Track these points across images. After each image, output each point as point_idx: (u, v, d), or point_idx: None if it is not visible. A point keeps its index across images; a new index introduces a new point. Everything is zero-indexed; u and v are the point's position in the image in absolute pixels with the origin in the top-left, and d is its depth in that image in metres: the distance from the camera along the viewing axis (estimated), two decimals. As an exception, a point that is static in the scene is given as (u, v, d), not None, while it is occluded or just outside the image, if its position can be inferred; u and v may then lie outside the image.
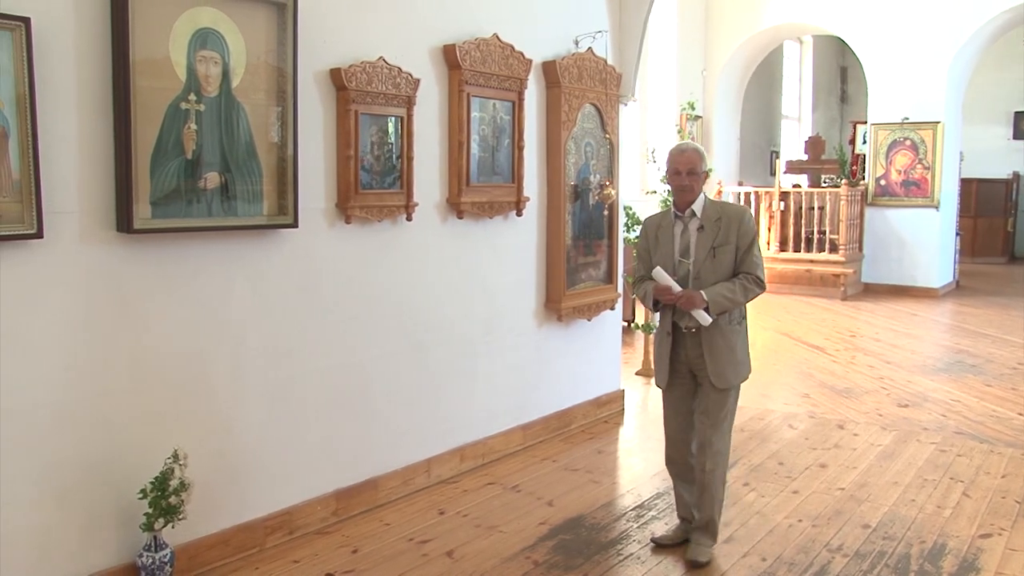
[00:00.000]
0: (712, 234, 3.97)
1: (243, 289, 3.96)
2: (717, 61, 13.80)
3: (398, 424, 4.75)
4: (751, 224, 4.02)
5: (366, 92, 4.30)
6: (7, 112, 3.07)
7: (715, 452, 4.03)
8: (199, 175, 3.66)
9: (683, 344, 4.04)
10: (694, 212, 4.00)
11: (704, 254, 3.96)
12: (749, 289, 3.97)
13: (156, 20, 3.47)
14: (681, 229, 4.04)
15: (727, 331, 3.99)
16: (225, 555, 3.94)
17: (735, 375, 4.03)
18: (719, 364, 3.97)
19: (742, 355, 4.05)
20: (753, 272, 3.98)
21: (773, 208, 13.03)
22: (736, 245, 3.97)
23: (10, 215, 3.12)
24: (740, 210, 4.08)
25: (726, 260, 3.97)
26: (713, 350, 3.97)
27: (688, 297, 3.89)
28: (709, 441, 4.02)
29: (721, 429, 4.05)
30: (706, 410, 4.04)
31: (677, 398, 4.15)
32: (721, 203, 4.16)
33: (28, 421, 3.28)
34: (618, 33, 6.30)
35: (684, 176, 3.97)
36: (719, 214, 4.00)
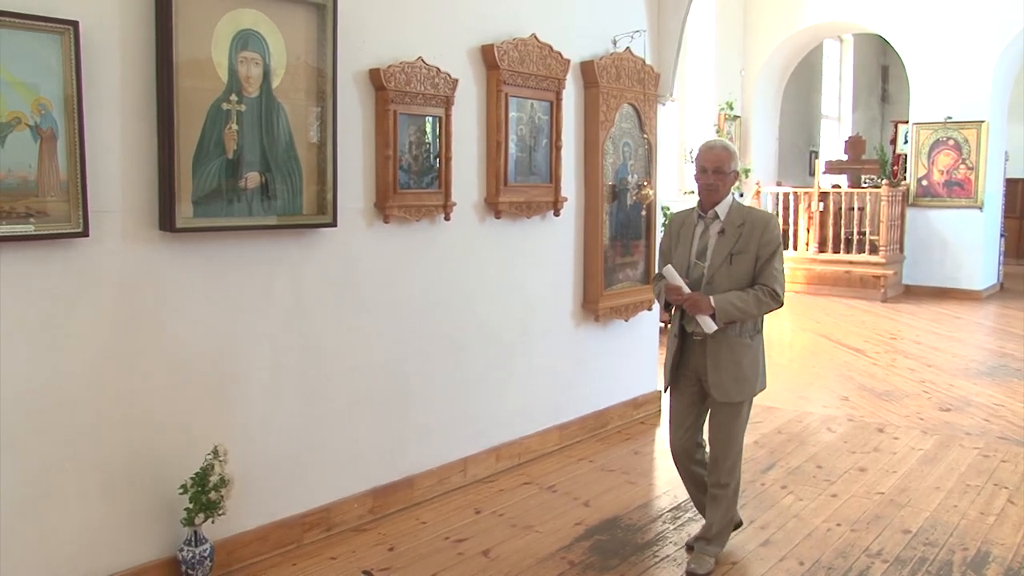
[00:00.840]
0: (732, 240, 3.78)
1: (282, 287, 4.00)
2: (756, 60, 13.68)
3: (434, 423, 4.77)
4: (775, 233, 3.80)
5: (405, 92, 4.32)
6: (55, 113, 3.13)
7: (729, 468, 3.93)
8: (240, 175, 3.70)
9: (690, 350, 3.91)
10: (717, 214, 3.84)
11: (720, 260, 3.79)
12: (763, 302, 3.73)
13: (199, 22, 3.51)
14: (702, 230, 3.88)
15: (735, 344, 3.80)
16: (263, 551, 3.98)
17: (737, 391, 3.83)
18: (720, 377, 3.81)
19: (749, 371, 3.84)
20: (771, 285, 3.75)
21: (812, 209, 12.89)
22: (756, 254, 3.76)
23: (57, 214, 3.17)
24: (765, 217, 3.85)
25: (743, 268, 3.77)
26: (717, 362, 3.80)
27: (694, 301, 3.72)
28: (724, 456, 3.92)
29: (733, 445, 3.93)
30: (719, 424, 3.92)
31: (683, 405, 4.02)
32: (748, 208, 3.94)
33: (72, 415, 3.33)
34: (656, 33, 6.27)
35: (710, 174, 3.81)
36: (743, 219, 3.81)
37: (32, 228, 3.12)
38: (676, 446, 4.08)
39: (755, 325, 3.87)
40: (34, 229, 3.12)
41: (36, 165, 3.11)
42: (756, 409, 6.58)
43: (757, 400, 6.82)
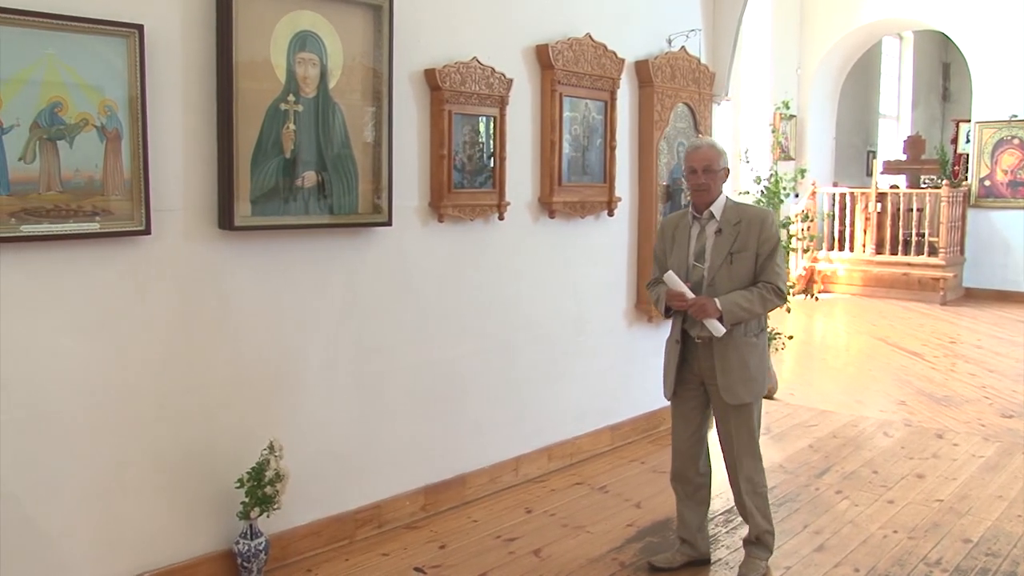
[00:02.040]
0: (730, 238, 3.69)
1: (338, 286, 4.04)
2: (812, 59, 13.48)
3: (487, 422, 4.78)
4: (774, 229, 3.72)
5: (460, 92, 4.34)
6: (120, 115, 3.20)
7: (747, 473, 3.81)
8: (297, 174, 3.75)
9: (693, 354, 3.79)
10: (712, 214, 3.74)
11: (720, 260, 3.69)
12: (768, 299, 3.66)
13: (258, 24, 3.57)
14: (698, 231, 3.78)
15: (741, 344, 3.69)
16: (317, 545, 4.03)
17: (747, 392, 3.72)
18: (729, 379, 3.69)
19: (756, 371, 3.74)
20: (774, 282, 3.66)
21: (869, 209, 12.67)
22: (756, 252, 3.67)
23: (121, 212, 3.25)
24: (762, 214, 3.77)
25: (744, 267, 3.68)
26: (724, 364, 3.69)
27: (701, 305, 3.60)
28: (740, 463, 3.81)
29: (749, 450, 3.81)
30: (729, 432, 3.80)
31: (687, 411, 3.90)
32: (743, 205, 3.87)
33: (135, 410, 3.41)
34: (712, 31, 6.21)
35: (700, 174, 3.71)
36: (739, 217, 3.72)
37: (97, 226, 3.19)
38: (681, 452, 3.95)
39: (759, 323, 3.78)
40: (99, 227, 3.20)
41: (102, 165, 3.19)
42: (811, 412, 6.54)
43: (812, 403, 6.80)
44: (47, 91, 3.03)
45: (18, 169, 2.99)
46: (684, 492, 3.98)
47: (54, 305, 3.17)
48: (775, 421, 6.39)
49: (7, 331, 3.06)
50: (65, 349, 3.20)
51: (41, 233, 3.06)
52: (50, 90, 3.04)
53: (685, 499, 3.99)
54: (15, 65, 2.95)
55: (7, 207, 2.98)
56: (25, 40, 2.96)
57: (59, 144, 3.08)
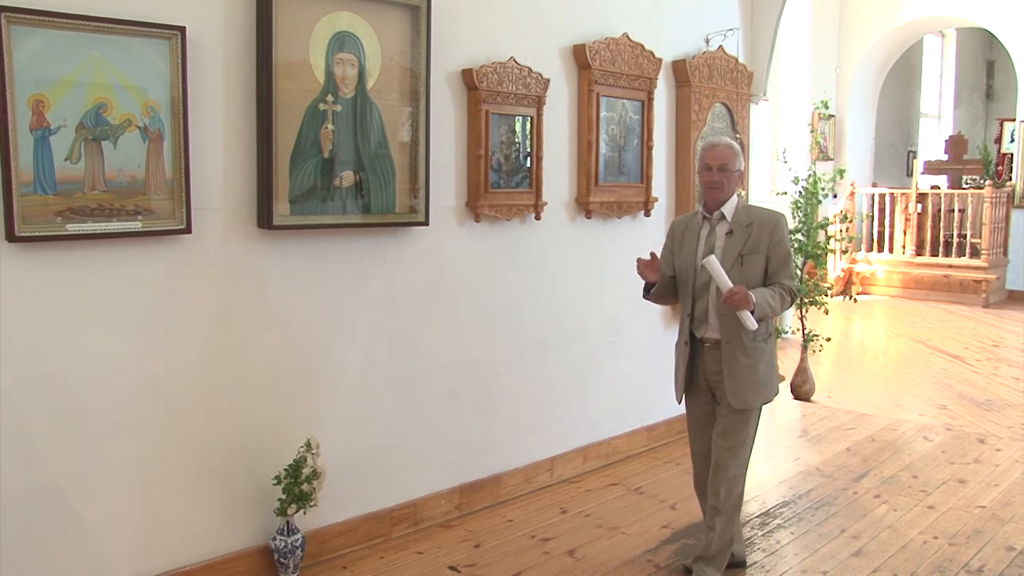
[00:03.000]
0: (741, 240, 3.64)
1: (375, 285, 4.07)
2: (852, 58, 13.32)
3: (522, 421, 4.79)
4: (785, 232, 3.69)
5: (497, 92, 4.35)
6: (163, 115, 3.25)
7: (731, 477, 3.72)
8: (335, 173, 3.78)
9: (701, 357, 3.74)
10: (723, 215, 3.69)
11: (731, 262, 3.61)
12: (785, 300, 3.62)
13: (297, 25, 3.60)
14: (708, 232, 3.73)
15: (750, 349, 3.62)
16: (352, 543, 4.06)
17: (755, 397, 3.66)
18: (738, 383, 3.63)
19: (765, 376, 3.69)
20: (788, 284, 3.64)
21: (909, 210, 12.50)
22: (767, 255, 3.63)
23: (162, 211, 3.30)
24: (774, 216, 3.71)
25: (754, 269, 3.62)
26: (733, 368, 3.63)
27: (743, 295, 3.45)
28: (725, 465, 3.71)
29: (739, 454, 3.72)
30: (724, 432, 3.72)
31: (700, 415, 3.85)
32: (755, 207, 3.81)
33: (175, 406, 3.46)
34: (750, 31, 6.17)
35: (715, 172, 3.66)
36: (750, 219, 3.67)
37: (140, 225, 3.24)
38: (696, 456, 3.92)
39: (767, 328, 3.70)
40: (141, 226, 3.25)
41: (144, 165, 3.23)
42: (849, 415, 6.47)
43: (849, 406, 6.73)
44: (92, 92, 3.08)
45: (64, 169, 3.05)
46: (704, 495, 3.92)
47: (97, 302, 3.22)
48: (812, 424, 6.33)
49: (52, 328, 3.12)
50: (108, 346, 3.26)
51: (85, 232, 3.12)
52: (95, 91, 3.09)
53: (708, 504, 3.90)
54: (63, 67, 3.01)
55: (53, 206, 3.03)
56: (72, 43, 3.02)
57: (103, 144, 3.13)
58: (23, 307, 3.05)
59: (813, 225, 7.41)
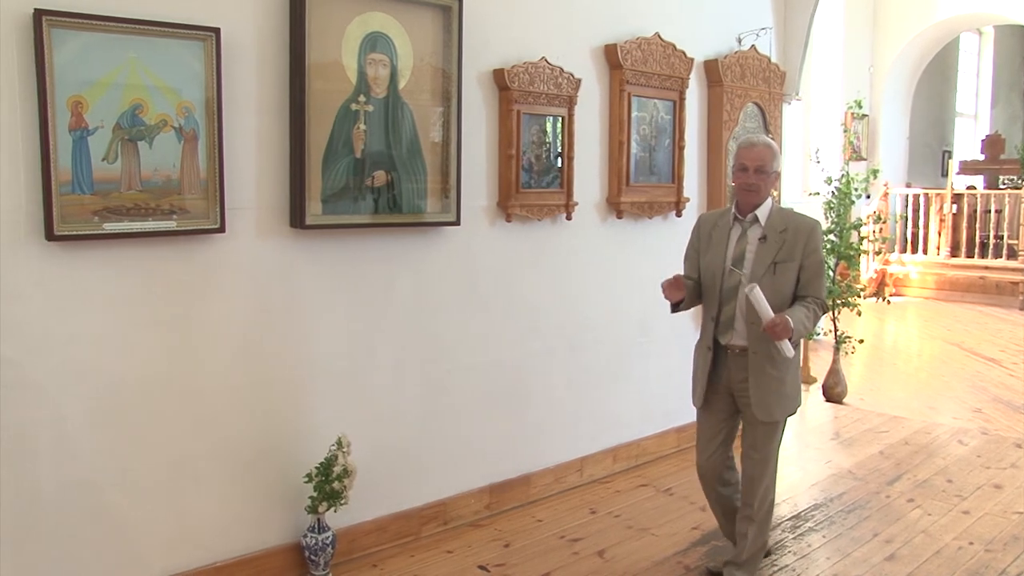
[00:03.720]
0: (775, 247, 3.49)
1: (406, 284, 4.08)
2: (886, 57, 13.17)
3: (552, 422, 4.79)
4: (820, 241, 3.55)
5: (528, 92, 4.35)
6: (197, 116, 3.28)
7: (763, 488, 3.66)
8: (367, 173, 3.80)
9: (724, 364, 3.62)
10: (757, 218, 3.54)
11: (763, 269, 3.48)
12: (818, 316, 3.50)
13: (330, 26, 3.62)
14: (739, 234, 3.58)
15: (778, 360, 3.49)
16: (382, 541, 4.08)
17: (780, 409, 3.56)
18: (764, 395, 3.51)
19: (791, 388, 3.59)
20: (822, 297, 3.53)
21: (944, 211, 12.35)
22: (801, 264, 3.49)
23: (197, 211, 3.33)
24: (809, 223, 3.55)
25: (787, 278, 3.48)
26: (760, 379, 3.50)
27: (785, 325, 3.31)
28: (758, 477, 3.64)
29: (769, 465, 3.67)
30: (754, 444, 3.63)
31: (714, 422, 3.73)
32: (790, 212, 3.63)
33: (209, 403, 3.49)
34: (782, 30, 6.12)
35: (751, 174, 3.51)
36: (785, 224, 3.52)
37: (174, 224, 3.28)
38: (705, 466, 3.79)
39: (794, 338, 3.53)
40: (176, 225, 3.29)
41: (179, 164, 3.27)
42: (881, 418, 6.41)
43: (882, 408, 6.66)
44: (129, 93, 3.12)
45: (101, 169, 3.09)
46: (713, 499, 3.87)
47: (133, 300, 3.26)
48: (844, 426, 6.27)
49: (88, 325, 3.16)
50: (142, 343, 3.30)
51: (122, 231, 3.16)
52: (132, 92, 3.13)
53: (716, 503, 3.88)
54: (101, 69, 3.05)
55: (90, 206, 3.07)
56: (110, 45, 3.06)
57: (139, 144, 3.17)
58: (61, 304, 3.10)
59: (846, 226, 7.34)
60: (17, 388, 3.03)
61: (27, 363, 3.05)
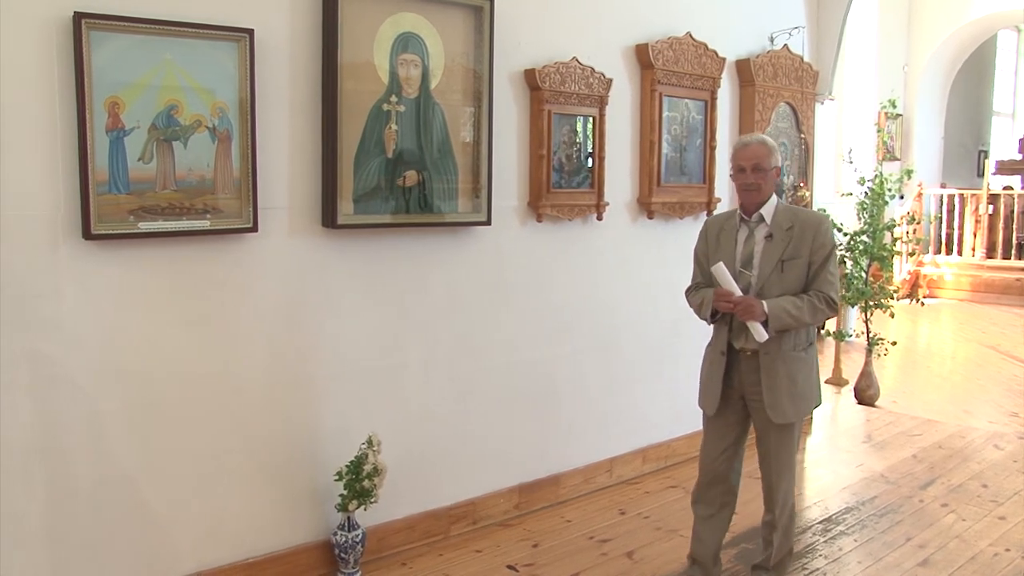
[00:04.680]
0: (782, 245, 3.41)
1: (437, 283, 4.09)
2: (921, 55, 13.01)
3: (582, 422, 4.78)
4: (829, 236, 3.45)
5: (559, 92, 4.34)
6: (231, 116, 3.32)
7: (784, 495, 3.56)
8: (398, 173, 3.82)
9: (737, 368, 3.51)
10: (762, 217, 3.47)
11: (770, 268, 3.41)
12: (818, 309, 3.37)
13: (362, 26, 3.64)
14: (746, 235, 3.50)
15: (789, 358, 3.42)
16: (411, 540, 4.09)
17: (795, 410, 3.45)
18: (777, 395, 3.41)
19: (805, 387, 3.48)
20: (827, 291, 3.39)
21: (980, 212, 12.19)
22: (809, 260, 3.41)
23: (230, 210, 3.36)
24: (817, 219, 3.48)
25: (795, 276, 3.40)
26: (772, 379, 3.41)
27: (748, 305, 3.30)
28: (776, 484, 3.55)
29: (789, 471, 3.56)
30: (769, 451, 3.54)
31: (723, 427, 3.61)
32: (796, 209, 3.58)
33: (241, 401, 3.53)
34: (815, 29, 6.07)
35: (749, 173, 3.43)
36: (792, 222, 3.44)
37: (208, 223, 3.31)
38: (709, 470, 3.66)
39: (808, 336, 3.50)
40: (210, 224, 3.32)
41: (213, 164, 3.30)
42: (914, 421, 6.34)
43: (915, 412, 6.58)
44: (164, 94, 3.16)
45: (137, 169, 3.13)
46: (706, 513, 3.70)
47: (167, 299, 3.30)
48: (876, 429, 6.21)
49: (124, 323, 3.20)
50: (176, 341, 3.34)
51: (156, 230, 3.20)
52: (167, 93, 3.17)
53: (706, 519, 3.71)
54: (137, 70, 3.09)
55: (126, 205, 3.11)
56: (146, 47, 3.10)
57: (174, 145, 3.21)
58: (97, 302, 3.14)
59: (879, 227, 7.27)
60: (54, 384, 3.08)
61: (64, 360, 3.09)
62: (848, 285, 7.32)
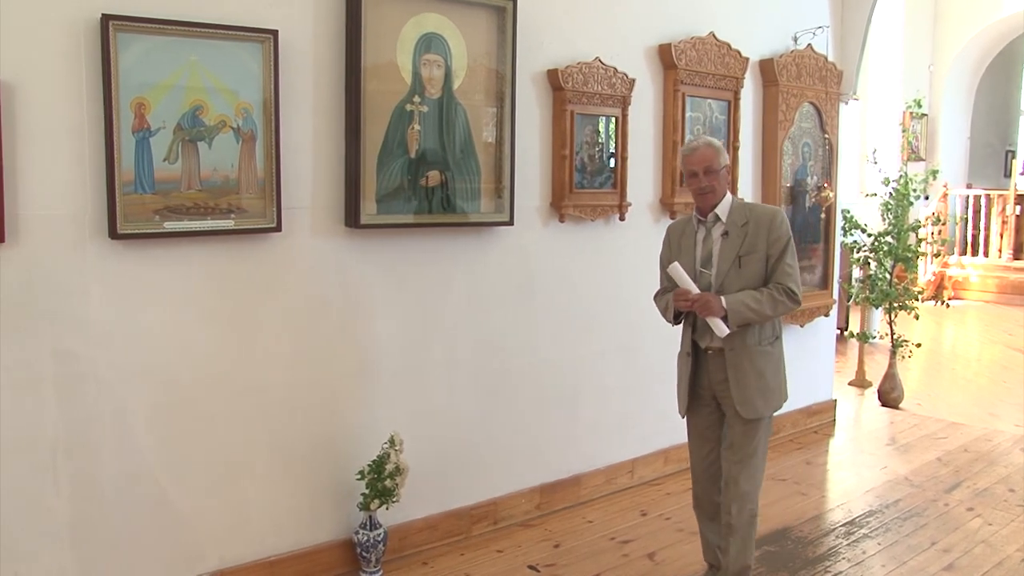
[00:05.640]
0: (738, 241, 3.41)
1: (459, 283, 4.10)
2: (947, 54, 12.89)
3: (604, 423, 4.77)
4: (784, 228, 3.42)
5: (582, 92, 4.34)
6: (255, 116, 3.34)
7: (742, 493, 3.47)
8: (421, 173, 3.82)
9: (705, 367, 3.52)
10: (718, 216, 3.45)
11: (728, 264, 3.40)
12: (779, 301, 3.36)
13: (385, 27, 3.65)
14: (704, 235, 3.50)
15: (755, 353, 3.41)
16: (433, 539, 4.10)
17: (764, 405, 3.43)
18: (745, 391, 3.40)
19: (774, 381, 3.46)
20: (785, 283, 3.37)
21: (1007, 213, 12.06)
22: (766, 253, 3.39)
23: (254, 210, 3.38)
24: (771, 212, 3.47)
25: (754, 270, 3.39)
26: (738, 375, 3.41)
27: (705, 301, 3.31)
28: (735, 479, 3.47)
29: (750, 466, 3.48)
30: (732, 444, 3.50)
31: (702, 428, 3.61)
32: (750, 204, 3.58)
33: (264, 399, 3.55)
34: (840, 28, 6.03)
35: (702, 177, 3.41)
36: (746, 217, 3.43)
37: (232, 223, 3.34)
38: (699, 473, 3.67)
39: (773, 330, 3.50)
40: (234, 224, 3.34)
41: (237, 164, 3.33)
42: (939, 424, 6.28)
43: (940, 414, 6.52)
44: (190, 95, 3.19)
45: (163, 169, 3.16)
46: (707, 515, 3.70)
47: (191, 298, 3.33)
48: (900, 432, 6.16)
49: (150, 321, 3.23)
50: (201, 340, 3.36)
51: (181, 230, 3.22)
52: (192, 94, 3.19)
53: (708, 521, 3.71)
54: (163, 71, 3.12)
55: (151, 205, 3.14)
56: (172, 48, 3.13)
57: (199, 145, 3.23)
58: (124, 301, 3.17)
59: (903, 228, 7.22)
60: (82, 382, 3.11)
61: (91, 358, 3.12)
62: (872, 286, 7.28)
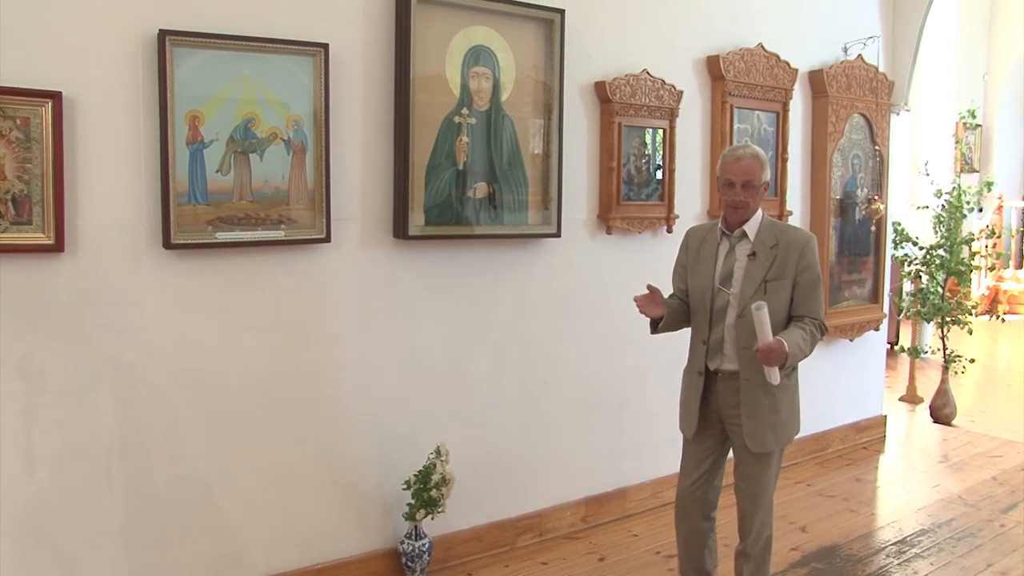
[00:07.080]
0: (765, 264, 3.18)
1: (506, 295, 4.11)
2: (1002, 63, 12.64)
3: (650, 436, 4.74)
4: (816, 256, 3.23)
5: (630, 104, 4.33)
6: (306, 128, 3.38)
7: (760, 524, 3.38)
8: (469, 185, 3.85)
9: (715, 390, 3.32)
10: (745, 233, 3.23)
11: (753, 288, 3.17)
12: (816, 339, 3.17)
13: (434, 40, 3.68)
14: (727, 250, 3.27)
15: (772, 386, 3.17)
16: (478, 550, 4.10)
17: (774, 439, 3.25)
18: (757, 424, 3.21)
19: (787, 415, 3.27)
20: (820, 318, 3.21)
21: (1065, 226, 11.79)
22: (795, 281, 3.18)
23: (303, 221, 3.43)
24: (804, 238, 3.24)
25: (780, 297, 3.17)
26: (752, 408, 3.21)
27: (780, 353, 3.00)
28: (750, 514, 3.37)
29: (763, 500, 3.36)
30: (744, 476, 3.35)
31: (701, 450, 3.44)
32: (782, 225, 3.35)
33: (313, 408, 3.58)
34: (891, 38, 5.95)
35: (739, 189, 3.18)
36: (776, 239, 3.20)
37: (283, 234, 3.38)
38: (685, 495, 3.50)
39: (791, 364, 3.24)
40: (284, 235, 3.39)
41: (288, 176, 3.37)
42: (994, 442, 6.14)
43: (995, 432, 6.38)
44: (242, 108, 3.24)
45: (215, 180, 3.21)
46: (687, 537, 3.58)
47: (242, 307, 3.37)
48: (953, 449, 6.04)
49: (202, 330, 3.29)
50: (251, 349, 3.40)
51: (233, 240, 3.27)
52: (244, 107, 3.25)
53: (687, 544, 3.59)
54: (216, 84, 3.18)
55: (204, 215, 3.20)
56: (225, 62, 3.19)
57: (251, 157, 3.28)
58: (177, 310, 3.23)
59: (956, 241, 7.09)
60: (135, 388, 3.17)
61: (145, 365, 3.18)
62: (924, 300, 7.15)
